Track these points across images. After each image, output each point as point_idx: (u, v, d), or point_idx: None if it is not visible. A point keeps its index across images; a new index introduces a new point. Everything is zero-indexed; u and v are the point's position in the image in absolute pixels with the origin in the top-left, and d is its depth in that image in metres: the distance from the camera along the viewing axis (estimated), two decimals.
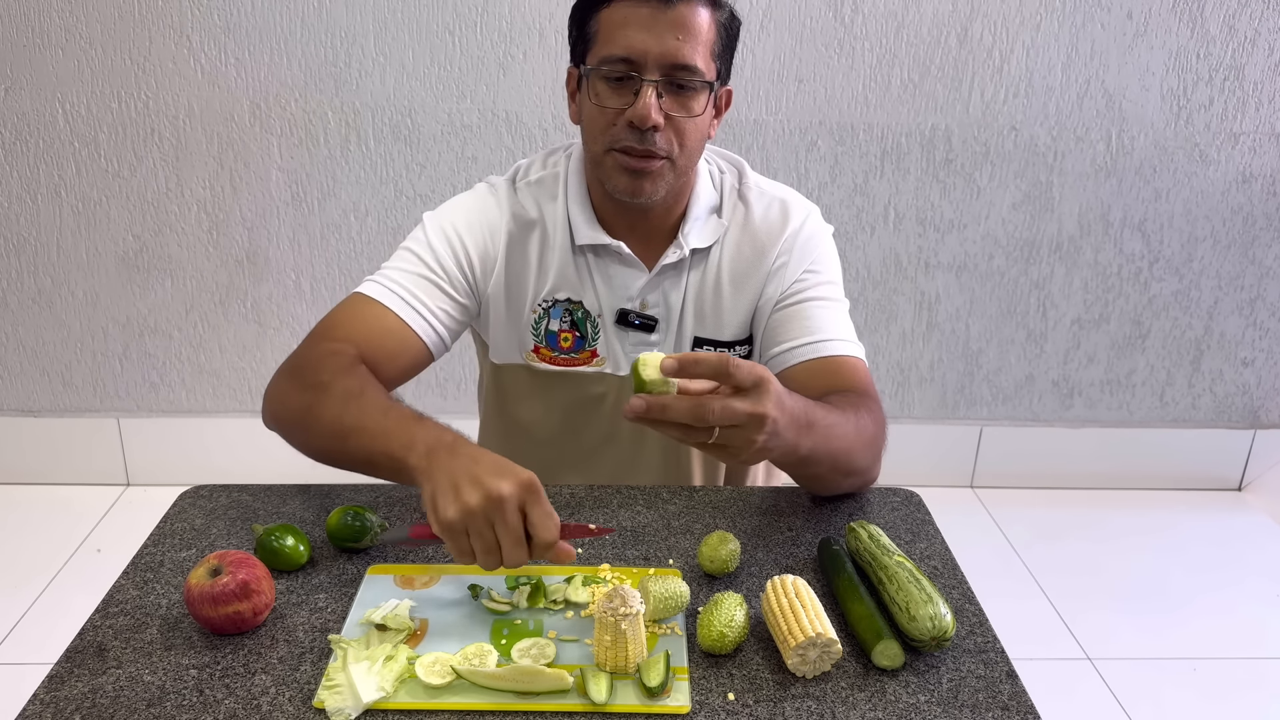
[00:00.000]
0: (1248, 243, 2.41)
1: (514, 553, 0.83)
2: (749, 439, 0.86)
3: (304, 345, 1.10)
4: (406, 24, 2.13)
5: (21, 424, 2.43)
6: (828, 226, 1.24)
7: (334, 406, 0.99)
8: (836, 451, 1.00)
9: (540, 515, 0.83)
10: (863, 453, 1.05)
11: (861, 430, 1.03)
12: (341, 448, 0.97)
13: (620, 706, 0.80)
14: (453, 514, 0.82)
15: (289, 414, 1.05)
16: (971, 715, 0.81)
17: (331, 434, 0.98)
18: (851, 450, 1.03)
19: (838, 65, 2.20)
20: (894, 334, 2.46)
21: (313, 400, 1.01)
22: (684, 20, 1.04)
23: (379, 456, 0.93)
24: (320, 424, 0.99)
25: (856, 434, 1.02)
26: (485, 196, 1.21)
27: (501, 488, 0.82)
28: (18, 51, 2.12)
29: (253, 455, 2.42)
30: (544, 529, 0.83)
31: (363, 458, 0.96)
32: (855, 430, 1.02)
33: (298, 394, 1.04)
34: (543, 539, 0.83)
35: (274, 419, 1.07)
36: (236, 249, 2.30)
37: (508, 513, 0.82)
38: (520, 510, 0.83)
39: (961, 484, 2.62)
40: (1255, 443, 2.61)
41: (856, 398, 1.07)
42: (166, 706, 0.79)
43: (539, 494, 0.84)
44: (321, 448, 1.02)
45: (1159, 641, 2.03)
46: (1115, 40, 2.21)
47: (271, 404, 1.07)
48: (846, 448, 1.01)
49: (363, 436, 0.95)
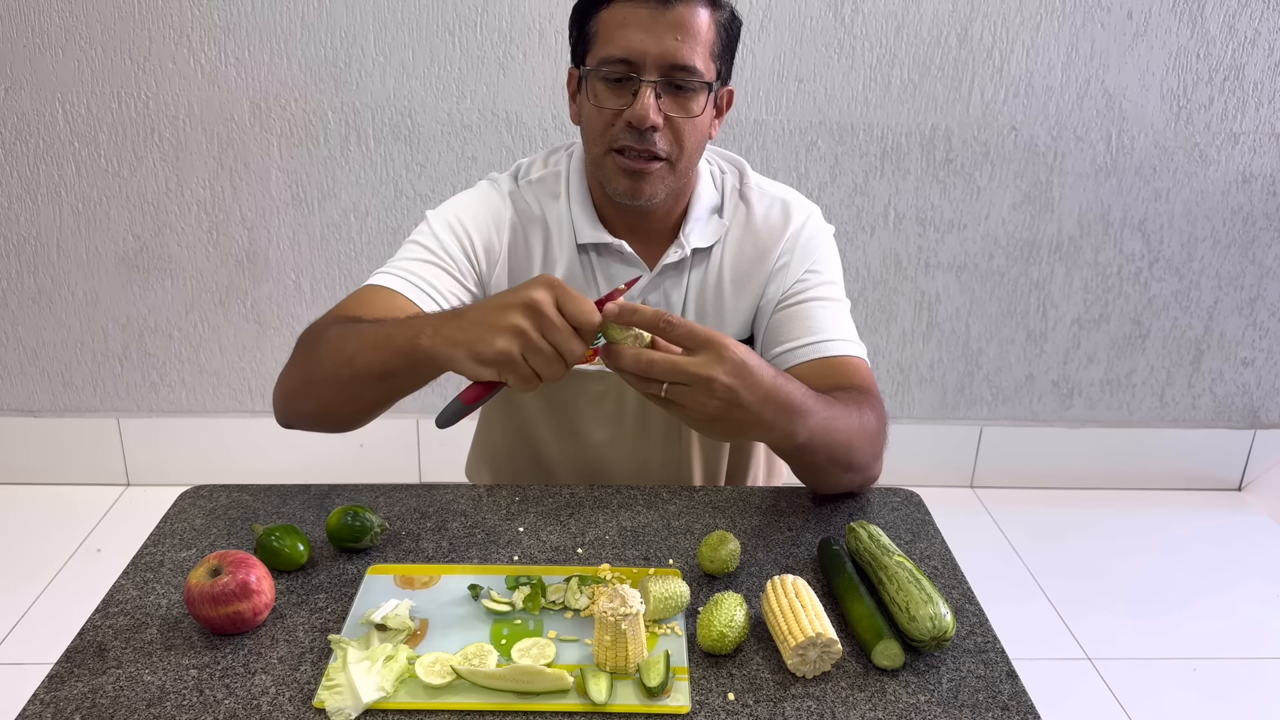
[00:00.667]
0: (1248, 243, 2.41)
1: (571, 347, 0.84)
2: (699, 401, 0.86)
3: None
4: (406, 24, 2.13)
5: (21, 424, 2.43)
6: (829, 226, 1.24)
7: (331, 345, 0.99)
8: (835, 444, 1.00)
9: (575, 304, 0.84)
10: (863, 448, 1.05)
11: (864, 425, 1.03)
12: (353, 377, 0.96)
13: (620, 706, 0.80)
14: (502, 343, 0.83)
15: (294, 380, 1.04)
16: (971, 715, 0.81)
17: (336, 366, 0.97)
18: (851, 444, 1.02)
19: (838, 65, 2.20)
20: (894, 334, 2.46)
21: (313, 351, 1.01)
22: (683, 21, 1.04)
23: (392, 361, 0.92)
24: (325, 366, 0.99)
25: (859, 428, 1.02)
26: (488, 191, 1.21)
27: (533, 294, 0.83)
28: (18, 51, 2.12)
29: (253, 455, 2.43)
30: (585, 314, 0.84)
31: (375, 373, 0.95)
32: (857, 424, 1.02)
33: (299, 359, 1.04)
34: (588, 323, 0.84)
35: (284, 398, 1.06)
36: (236, 249, 2.30)
37: (549, 312, 0.83)
38: (557, 308, 0.84)
39: (961, 484, 2.62)
40: (1255, 443, 2.61)
41: (859, 394, 1.07)
42: (166, 706, 0.79)
43: (564, 287, 0.85)
44: (337, 395, 1.00)
45: (1159, 642, 2.03)
46: (1115, 40, 2.21)
47: (280, 387, 1.06)
48: (846, 441, 1.01)
49: (368, 352, 0.94)
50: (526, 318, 0.83)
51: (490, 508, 1.09)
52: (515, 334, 0.83)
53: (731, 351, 0.86)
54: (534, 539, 1.04)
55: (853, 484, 1.11)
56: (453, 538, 1.03)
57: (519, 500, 1.11)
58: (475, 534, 1.04)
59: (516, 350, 0.83)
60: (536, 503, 1.10)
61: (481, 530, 1.05)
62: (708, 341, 0.85)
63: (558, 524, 1.06)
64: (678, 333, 0.85)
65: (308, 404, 1.04)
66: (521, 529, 1.05)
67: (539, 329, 0.83)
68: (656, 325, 0.85)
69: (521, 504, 1.10)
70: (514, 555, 1.01)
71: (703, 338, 0.85)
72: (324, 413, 1.04)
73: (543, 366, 0.84)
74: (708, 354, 0.85)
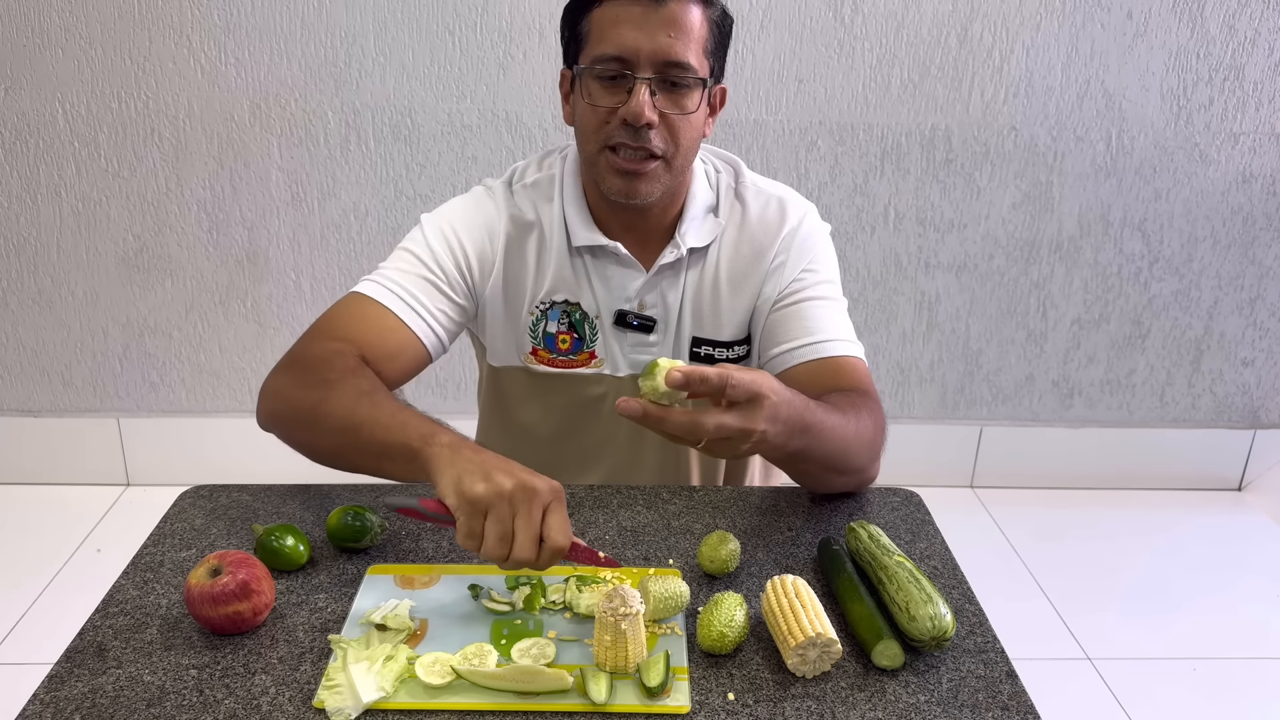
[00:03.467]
0: (1248, 243, 2.41)
1: (525, 547, 0.83)
2: (735, 448, 0.90)
3: (302, 343, 1.09)
4: (406, 24, 2.13)
5: (21, 424, 2.43)
6: (825, 225, 1.24)
7: (345, 401, 0.97)
8: (829, 452, 1.00)
9: (559, 520, 0.85)
10: (859, 453, 1.05)
11: (860, 431, 1.03)
12: (352, 440, 0.95)
13: (620, 706, 0.80)
14: (481, 490, 0.83)
15: (292, 411, 1.03)
16: (971, 715, 0.81)
17: (341, 428, 0.96)
18: (846, 451, 1.03)
19: (838, 65, 2.20)
20: (894, 334, 2.46)
21: (321, 396, 0.99)
22: (676, 18, 1.04)
23: (395, 447, 0.92)
24: (330, 419, 0.97)
25: (855, 435, 1.02)
26: (483, 199, 1.21)
27: (536, 482, 0.84)
28: (18, 51, 2.12)
29: (253, 455, 2.42)
30: (560, 534, 0.84)
31: (375, 450, 0.94)
32: (854, 431, 1.02)
33: (303, 391, 1.01)
34: (556, 544, 0.84)
35: (273, 417, 1.05)
36: (236, 249, 2.30)
37: (534, 506, 0.83)
38: (542, 512, 0.84)
39: (961, 484, 2.62)
40: (1255, 443, 2.61)
41: (857, 397, 1.07)
42: (166, 706, 0.79)
43: (563, 503, 0.86)
44: (329, 444, 0.99)
45: (1159, 641, 2.03)
46: (1115, 40, 2.21)
47: (271, 402, 1.05)
48: (841, 449, 1.01)
49: (376, 429, 0.93)
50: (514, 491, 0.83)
51: None
52: (495, 494, 0.82)
53: (771, 400, 0.88)
54: None
55: (848, 486, 1.11)
56: (453, 538, 1.03)
57: None
58: None
59: (484, 505, 0.83)
60: None
61: None
62: (756, 396, 0.87)
63: None
64: (738, 394, 0.86)
65: (297, 439, 1.03)
66: None
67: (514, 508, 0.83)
68: (723, 390, 0.86)
69: None
70: None
71: (754, 392, 0.87)
72: (307, 449, 1.03)
73: (491, 535, 0.83)
74: (753, 407, 0.87)
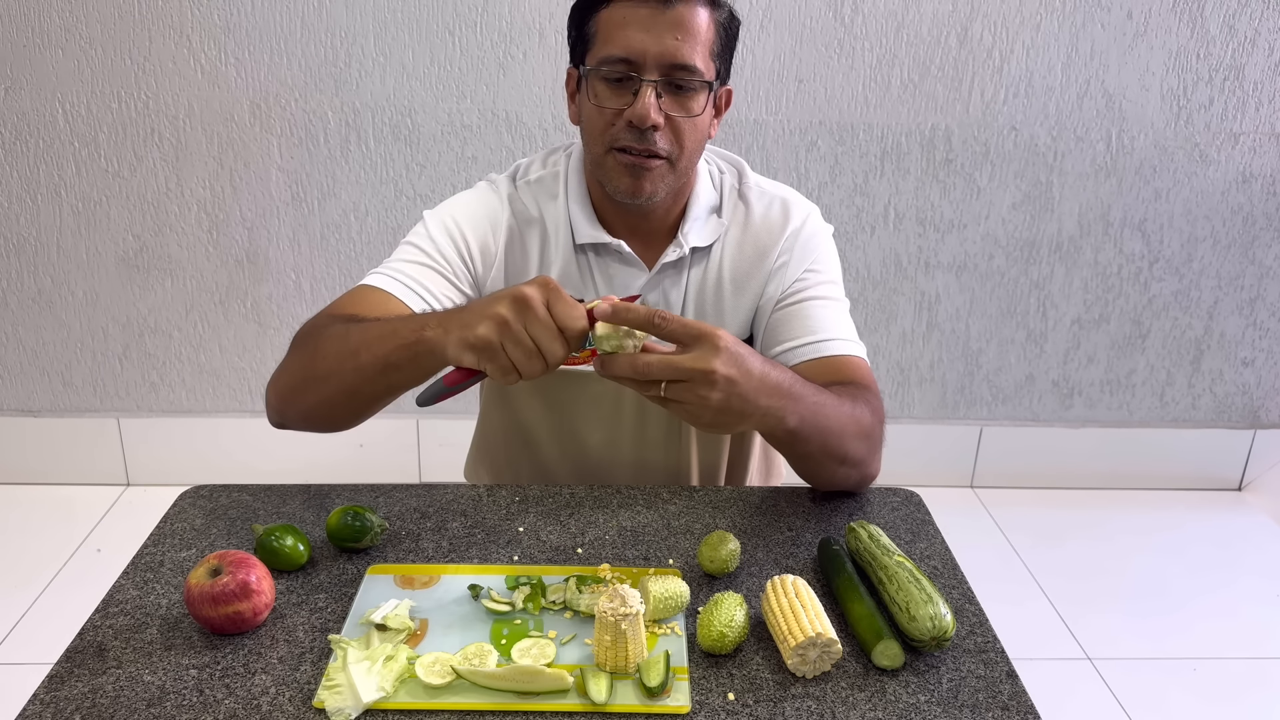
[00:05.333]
0: (1248, 243, 2.41)
1: (553, 347, 0.85)
2: (700, 396, 0.87)
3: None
4: (406, 24, 2.13)
5: (21, 424, 2.43)
6: (828, 226, 1.24)
7: (334, 340, 0.99)
8: (827, 430, 1.00)
9: (565, 307, 0.85)
10: (857, 440, 1.05)
11: (856, 416, 1.03)
12: (353, 368, 0.97)
13: (620, 706, 0.80)
14: (484, 330, 0.84)
15: (293, 376, 1.04)
16: (971, 715, 0.81)
17: (341, 366, 0.98)
18: (844, 433, 1.03)
19: (838, 65, 2.20)
20: (894, 334, 2.46)
21: (313, 348, 1.02)
22: (683, 20, 1.04)
23: (394, 353, 0.94)
24: (327, 359, 0.99)
25: (850, 418, 1.02)
26: (486, 193, 1.21)
27: (524, 290, 0.84)
28: (18, 51, 2.12)
29: (253, 455, 2.42)
30: (572, 318, 0.85)
31: (378, 366, 0.95)
32: (850, 414, 1.02)
33: (296, 357, 1.04)
34: (574, 328, 0.85)
35: (280, 396, 1.06)
36: (236, 249, 2.30)
37: (536, 309, 0.84)
38: (546, 308, 0.84)
39: (961, 484, 2.62)
40: (1255, 443, 2.61)
41: (855, 389, 1.08)
42: (166, 706, 0.79)
43: (558, 289, 0.86)
44: (337, 388, 1.00)
45: (1159, 642, 2.03)
46: (1115, 40, 2.21)
47: (274, 385, 1.06)
48: (838, 429, 1.01)
49: (373, 346, 0.95)
50: (512, 309, 0.84)
51: (490, 508, 1.09)
52: (498, 322, 0.84)
53: (726, 342, 0.87)
54: (534, 539, 1.04)
55: (849, 479, 1.11)
56: (453, 538, 1.03)
57: (519, 500, 1.11)
58: (475, 534, 1.04)
59: (496, 338, 0.85)
60: (536, 503, 1.10)
61: (481, 530, 1.05)
62: (701, 335, 0.86)
63: (557, 524, 1.06)
64: (672, 327, 0.86)
65: (306, 400, 1.04)
66: (521, 529, 1.05)
67: (522, 322, 0.84)
68: (651, 323, 0.85)
69: (521, 504, 1.10)
70: (514, 555, 1.01)
71: (696, 331, 0.86)
72: (322, 408, 1.03)
73: (521, 360, 0.85)
74: (703, 348, 0.86)
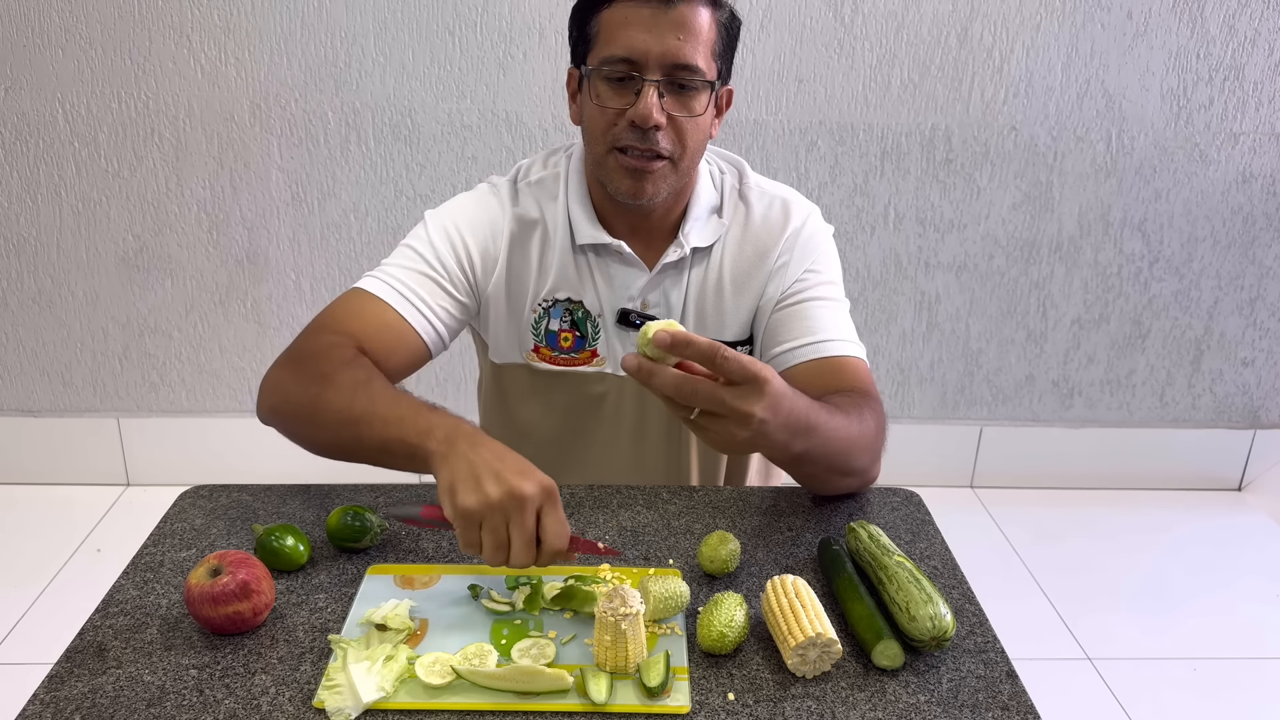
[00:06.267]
0: (1248, 243, 2.41)
1: (522, 554, 0.83)
2: (730, 432, 0.86)
3: (302, 338, 1.09)
4: (406, 24, 2.13)
5: (21, 424, 2.43)
6: (828, 227, 1.24)
7: (342, 395, 0.97)
8: (833, 454, 1.00)
9: (554, 522, 0.84)
10: (861, 454, 1.05)
11: (863, 432, 1.03)
12: (352, 434, 0.96)
13: (620, 706, 0.80)
14: (472, 503, 0.82)
15: (291, 405, 1.03)
16: (971, 715, 0.81)
17: (340, 423, 0.96)
18: (850, 452, 1.02)
19: (838, 65, 2.20)
20: (894, 334, 2.46)
21: (319, 390, 0.99)
22: (685, 20, 1.04)
23: (393, 443, 0.92)
24: (328, 413, 0.98)
25: (859, 436, 1.02)
26: (487, 196, 1.21)
27: (525, 487, 0.83)
28: (18, 51, 2.12)
29: (253, 455, 2.42)
30: (556, 536, 0.84)
31: (375, 445, 0.94)
32: (858, 432, 1.02)
33: (301, 385, 1.02)
34: (553, 546, 0.84)
35: (273, 411, 1.05)
36: (236, 249, 2.30)
37: (526, 513, 0.83)
38: (536, 514, 0.83)
39: (961, 484, 2.62)
40: (1255, 443, 2.61)
41: (859, 398, 1.07)
42: (166, 706, 0.79)
43: (556, 501, 0.85)
44: (329, 439, 1.00)
45: (1159, 641, 2.03)
46: (1115, 40, 2.21)
47: (270, 396, 1.05)
48: (845, 450, 1.01)
49: (374, 423, 0.94)
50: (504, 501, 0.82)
51: None
52: (484, 506, 0.82)
53: (771, 386, 0.85)
54: None
55: (850, 487, 1.11)
56: (453, 538, 1.03)
57: None
58: None
59: (477, 517, 0.83)
60: None
61: None
62: (754, 378, 0.84)
63: None
64: (730, 367, 0.83)
65: (299, 432, 1.03)
66: None
67: (507, 518, 0.83)
68: (712, 359, 0.83)
69: None
70: None
71: (750, 374, 0.84)
72: (312, 446, 1.03)
73: (489, 545, 0.84)
74: (750, 389, 0.84)
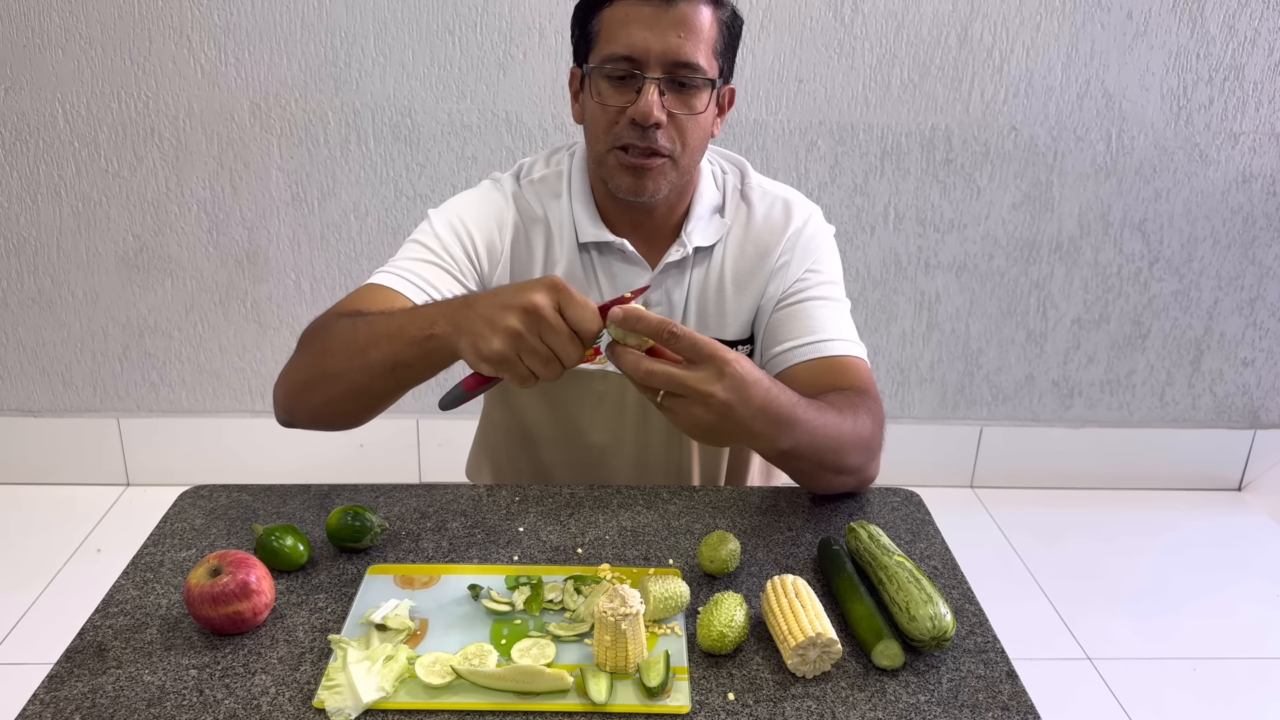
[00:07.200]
0: (1248, 243, 2.41)
1: (569, 351, 0.84)
2: (693, 413, 0.87)
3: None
4: (406, 24, 2.13)
5: (21, 424, 2.43)
6: (829, 227, 1.24)
7: (343, 335, 0.99)
8: (823, 450, 1.00)
9: (577, 309, 0.84)
10: (855, 452, 1.04)
11: (856, 430, 1.02)
12: (363, 366, 0.96)
13: (620, 706, 0.80)
14: (498, 344, 0.83)
15: (301, 375, 1.03)
16: (971, 715, 0.81)
17: (349, 358, 0.97)
18: (841, 449, 1.02)
19: (838, 65, 2.20)
20: (894, 334, 2.46)
21: (320, 345, 1.01)
22: (686, 18, 1.04)
23: (405, 352, 0.93)
24: (335, 358, 0.99)
25: (851, 433, 1.02)
26: (491, 191, 1.21)
27: (533, 298, 0.83)
28: (18, 51, 2.12)
29: (253, 455, 2.43)
30: (586, 320, 0.84)
31: (389, 363, 0.95)
32: (850, 429, 1.01)
33: (303, 355, 1.04)
34: (587, 329, 0.85)
35: (288, 393, 1.05)
36: (236, 249, 2.30)
37: (548, 317, 0.83)
38: (558, 312, 0.84)
39: (961, 484, 2.62)
40: (1255, 443, 2.61)
41: (855, 396, 1.07)
42: (166, 706, 0.79)
43: (568, 290, 0.85)
44: (345, 387, 1.00)
45: (1159, 642, 2.03)
46: (1115, 40, 2.21)
47: (283, 383, 1.06)
48: (835, 447, 1.01)
49: (381, 343, 0.95)
50: (524, 321, 0.83)
51: (490, 508, 1.09)
52: (512, 336, 0.84)
53: (732, 368, 0.86)
54: (534, 539, 1.03)
55: (846, 485, 1.11)
56: (453, 538, 1.03)
57: (519, 500, 1.11)
58: (475, 534, 1.04)
59: (512, 351, 0.84)
60: (536, 503, 1.10)
61: (481, 530, 1.05)
62: (710, 357, 0.85)
63: (558, 524, 1.06)
64: (680, 345, 0.85)
65: (315, 398, 1.03)
66: (521, 529, 1.05)
67: (536, 332, 0.84)
68: (660, 335, 0.85)
69: (521, 504, 1.10)
70: (514, 555, 1.01)
71: (705, 352, 0.85)
72: (331, 407, 1.03)
73: (539, 367, 0.85)
74: (709, 369, 0.85)
